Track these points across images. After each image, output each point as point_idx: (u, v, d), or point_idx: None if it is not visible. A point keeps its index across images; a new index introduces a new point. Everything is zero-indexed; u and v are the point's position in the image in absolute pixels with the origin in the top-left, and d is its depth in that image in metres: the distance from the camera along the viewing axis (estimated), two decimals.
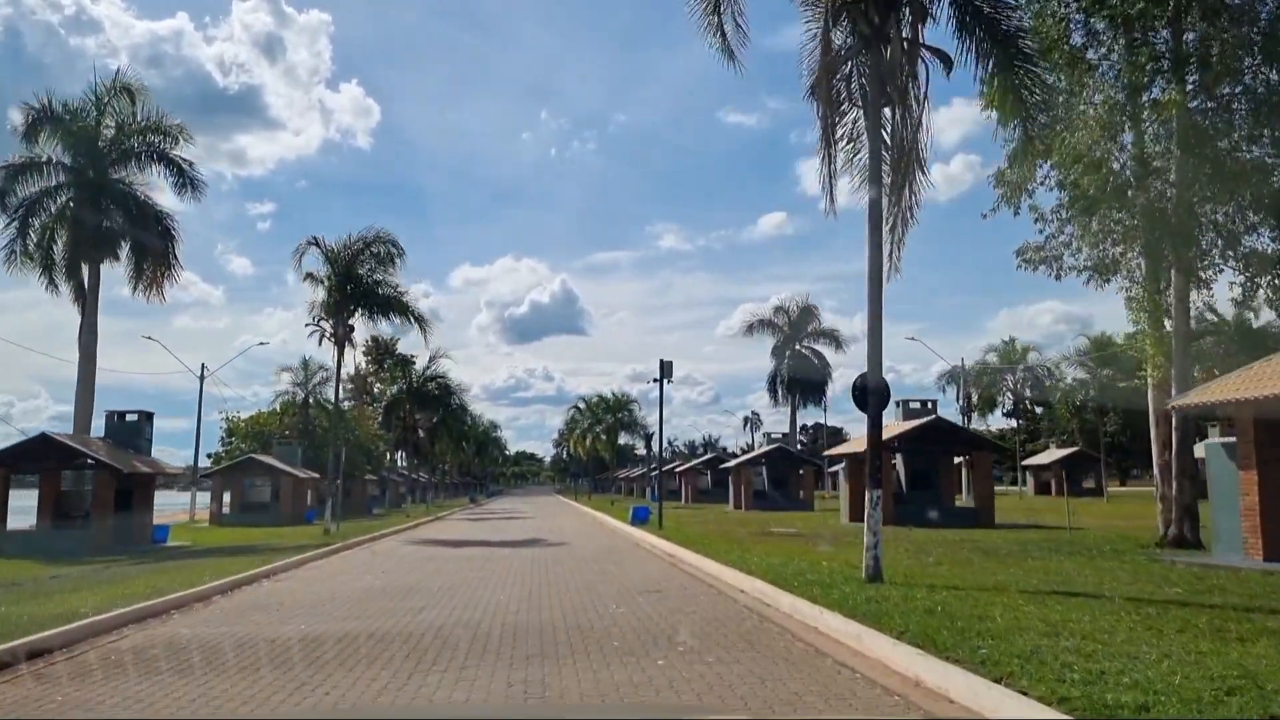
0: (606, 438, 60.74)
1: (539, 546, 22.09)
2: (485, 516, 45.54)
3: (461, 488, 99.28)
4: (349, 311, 28.85)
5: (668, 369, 25.19)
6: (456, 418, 53.76)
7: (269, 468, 44.99)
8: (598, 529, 31.02)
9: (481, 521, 39.10)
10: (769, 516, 36.64)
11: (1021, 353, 58.75)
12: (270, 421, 55.51)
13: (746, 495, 46.51)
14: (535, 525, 34.14)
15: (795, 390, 72.71)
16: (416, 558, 19.20)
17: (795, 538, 21.71)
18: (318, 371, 54.11)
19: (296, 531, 30.34)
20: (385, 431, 49.43)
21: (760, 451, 48.28)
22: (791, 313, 75.19)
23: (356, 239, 28.66)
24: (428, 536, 27.64)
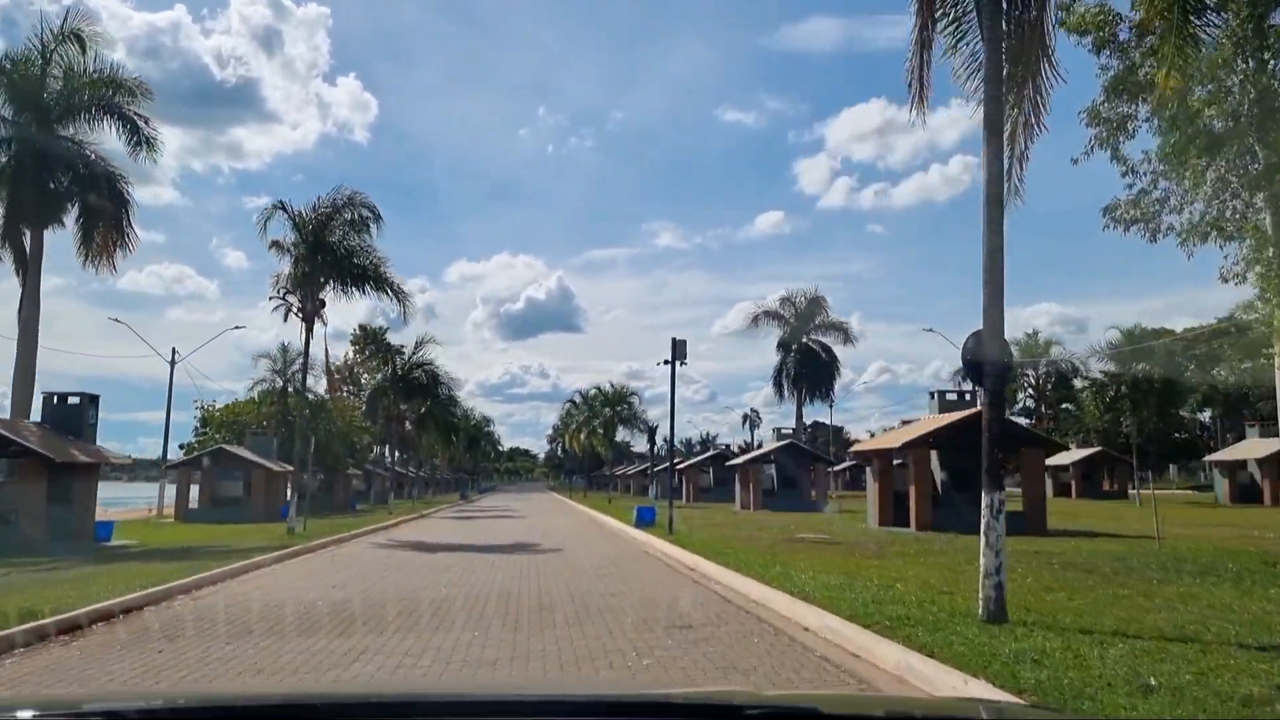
0: (604, 432, 57.35)
1: (529, 553, 18.83)
2: (474, 515, 42.25)
3: (453, 484, 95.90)
4: (319, 284, 25.55)
5: (680, 349, 21.96)
6: (444, 409, 50.42)
7: (241, 460, 41.68)
8: (597, 532, 27.78)
9: (469, 520, 35.84)
10: (784, 518, 33.41)
11: (1044, 346, 55.59)
12: (247, 411, 52.19)
13: (755, 495, 43.28)
14: (527, 526, 30.90)
15: (802, 385, 69.59)
16: (382, 567, 15.91)
17: (831, 546, 18.46)
18: (297, 358, 50.68)
19: (263, 530, 27.04)
20: (370, 423, 46.15)
21: (770, 448, 45.12)
22: (799, 304, 71.93)
23: (327, 201, 25.37)
24: (404, 538, 24.38)
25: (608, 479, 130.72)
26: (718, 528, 25.83)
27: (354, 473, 63.14)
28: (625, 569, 15.36)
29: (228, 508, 40.98)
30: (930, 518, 24.52)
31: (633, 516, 31.32)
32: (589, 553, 18.84)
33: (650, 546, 20.06)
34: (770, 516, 35.15)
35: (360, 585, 13.00)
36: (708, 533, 23.20)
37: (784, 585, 10.98)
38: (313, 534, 24.27)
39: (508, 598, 11.42)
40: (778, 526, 26.83)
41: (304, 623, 9.58)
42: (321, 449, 54.36)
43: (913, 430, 25.85)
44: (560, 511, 45.92)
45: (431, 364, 43.37)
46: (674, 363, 22.03)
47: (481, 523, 33.37)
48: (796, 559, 14.77)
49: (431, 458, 69.40)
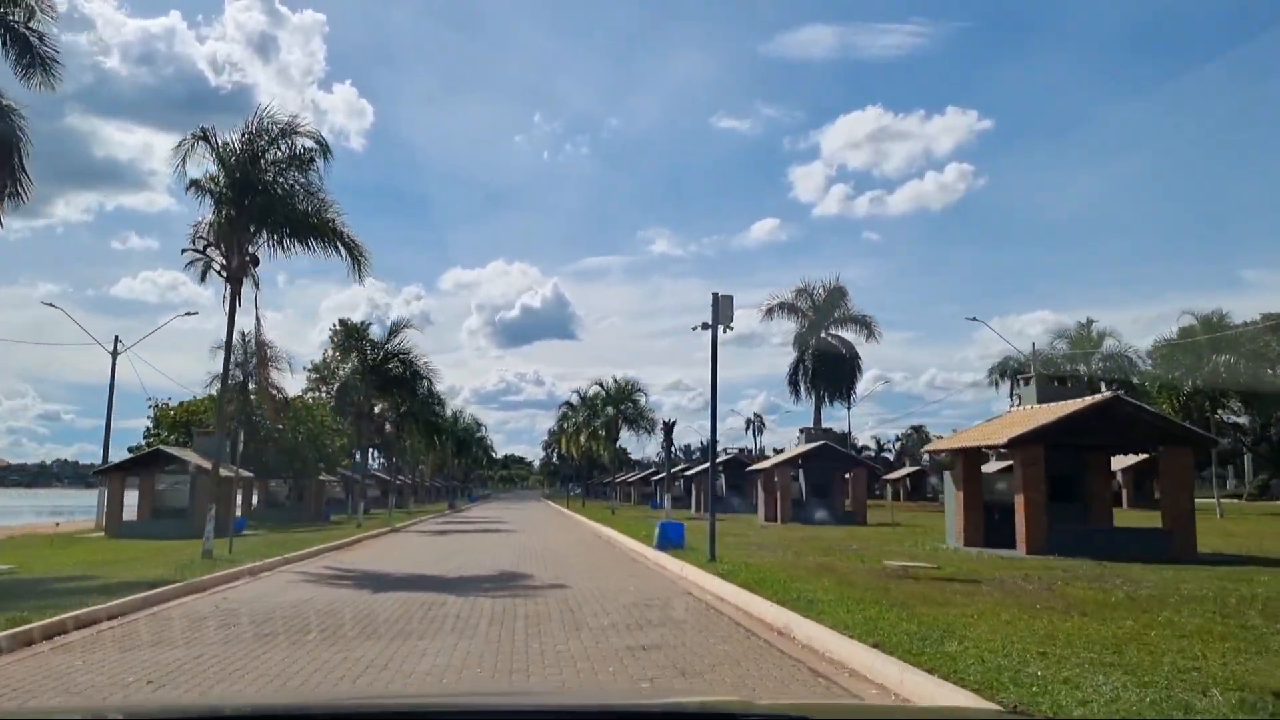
0: (606, 434, 51.28)
1: (519, 593, 12.96)
2: (457, 528, 36.35)
3: (444, 492, 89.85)
4: (249, 234, 19.71)
5: (724, 308, 16.10)
6: (426, 407, 44.50)
7: (186, 464, 35.74)
8: (607, 554, 21.88)
9: (449, 536, 29.98)
10: (828, 535, 27.56)
11: (1098, 338, 49.76)
12: (204, 410, 46.28)
13: (783, 505, 37.41)
14: (518, 545, 25.00)
15: (820, 384, 63.76)
16: (279, 628, 9.97)
17: (966, 585, 12.61)
18: (258, 350, 44.79)
19: (180, 551, 21.09)
20: (342, 420, 40.23)
21: (798, 451, 39.25)
22: (816, 295, 65.99)
23: (258, 125, 19.52)
24: (355, 565, 18.50)
25: (606, 487, 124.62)
26: (762, 550, 19.99)
27: (329, 479, 57.26)
28: (673, 632, 9.43)
29: (170, 519, 35.21)
30: (1045, 537, 18.68)
31: (649, 532, 25.48)
32: (605, 592, 12.96)
33: (690, 582, 14.23)
34: (810, 532, 29.29)
35: (190, 683, 7.10)
36: (756, 557, 17.37)
37: (989, 685, 5.14)
38: (237, 557, 18.45)
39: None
40: (836, 547, 20.98)
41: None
42: (289, 453, 48.44)
43: (1015, 422, 20.01)
44: (558, 524, 39.99)
45: (408, 353, 37.48)
46: (715, 326, 16.20)
47: (464, 540, 27.51)
48: (958, 614, 8.95)
49: (416, 462, 63.30)
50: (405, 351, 37.67)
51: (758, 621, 9.89)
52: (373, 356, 37.46)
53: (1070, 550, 18.23)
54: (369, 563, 19.02)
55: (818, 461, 38.54)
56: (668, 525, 19.84)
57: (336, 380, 37.79)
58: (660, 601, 11.94)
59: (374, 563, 18.98)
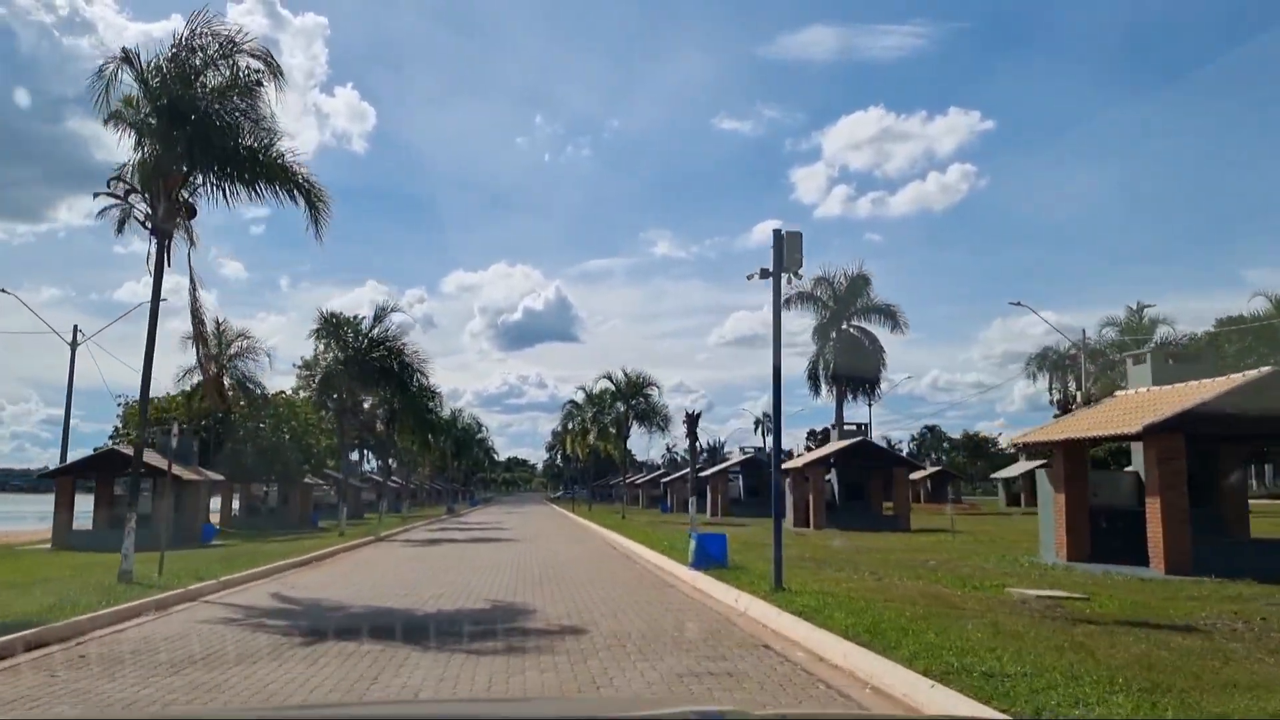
0: (616, 431, 47.06)
1: (514, 645, 8.92)
2: (451, 536, 32.37)
3: (447, 495, 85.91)
4: (180, 176, 15.74)
5: (792, 247, 12.00)
6: (418, 403, 40.45)
7: (150, 467, 31.72)
8: (627, 573, 17.83)
9: (439, 547, 26.02)
10: (882, 544, 23.55)
11: (1149, 324, 45.67)
12: (176, 408, 42.38)
13: (815, 509, 33.35)
14: (517, 559, 20.97)
15: (842, 378, 59.67)
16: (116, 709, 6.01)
17: (1186, 635, 8.59)
18: (236, 339, 40.87)
19: (107, 566, 17.03)
20: (324, 416, 36.30)
21: (832, 448, 35.16)
22: (838, 284, 61.90)
23: (190, 38, 15.56)
24: (308, 591, 14.49)
25: (612, 489, 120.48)
26: (822, 569, 15.96)
27: (316, 483, 53.25)
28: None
29: None
30: (1188, 552, 14.64)
31: (672, 543, 21.51)
32: (640, 642, 8.91)
33: (758, 624, 10.20)
34: (858, 541, 25.22)
35: None
36: (824, 580, 13.36)
37: None
38: (166, 580, 14.49)
39: None
40: (911, 562, 16.96)
41: None
42: (269, 454, 44.52)
43: (1138, 407, 15.94)
44: (565, 532, 35.96)
45: (396, 342, 33.49)
46: (778, 272, 12.15)
47: (456, 553, 23.51)
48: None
49: (410, 462, 59.27)
50: (392, 339, 33.70)
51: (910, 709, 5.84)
52: (356, 345, 33.49)
53: (1220, 569, 14.21)
54: (329, 587, 15.03)
55: (854, 460, 34.50)
56: (706, 538, 15.81)
57: (318, 371, 33.75)
58: (728, 662, 7.92)
59: (335, 587, 14.98)
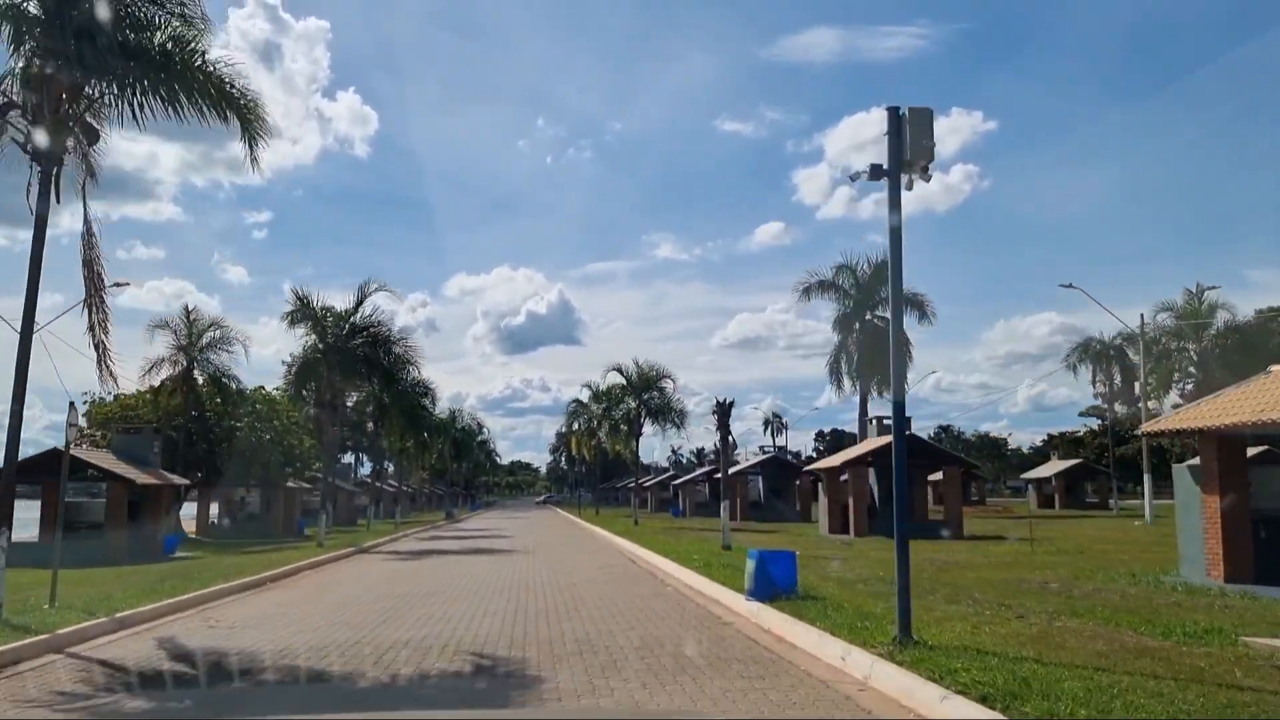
0: (628, 429, 43.00)
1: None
2: (443, 546, 28.54)
3: (448, 499, 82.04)
4: (75, 89, 11.95)
5: (919, 128, 8.22)
6: (408, 399, 36.63)
7: (99, 469, 27.97)
8: (660, 603, 13.83)
9: (426, 560, 22.18)
10: (960, 556, 19.66)
11: (1208, 309, 41.71)
12: (142, 406, 38.64)
13: (856, 514, 29.42)
14: (516, 580, 17.08)
15: (867, 372, 55.74)
16: None
17: None
18: (209, 327, 37.04)
19: None
20: (305, 410, 32.49)
21: (872, 445, 31.17)
22: (860, 273, 58.00)
23: None
24: (232, 632, 10.62)
25: (618, 493, 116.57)
26: (930, 600, 11.98)
27: (304, 487, 49.43)
28: None
29: (81, 537, 27.37)
30: None
31: (706, 558, 17.74)
32: None
33: (892, 702, 6.33)
34: (922, 554, 21.29)
35: None
36: (968, 627, 9.49)
37: None
38: (55, 617, 10.67)
39: None
40: (1023, 585, 13.07)
41: None
42: (246, 456, 40.71)
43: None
44: (572, 540, 32.07)
45: (380, 325, 29.61)
46: (897, 168, 8.30)
47: (443, 570, 19.64)
48: None
49: (405, 465, 55.36)
50: (376, 324, 29.85)
51: None
52: (335, 331, 29.64)
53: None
54: (264, 625, 11.15)
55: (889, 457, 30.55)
56: (770, 557, 11.79)
57: (295, 362, 29.92)
58: None
59: (270, 626, 11.10)
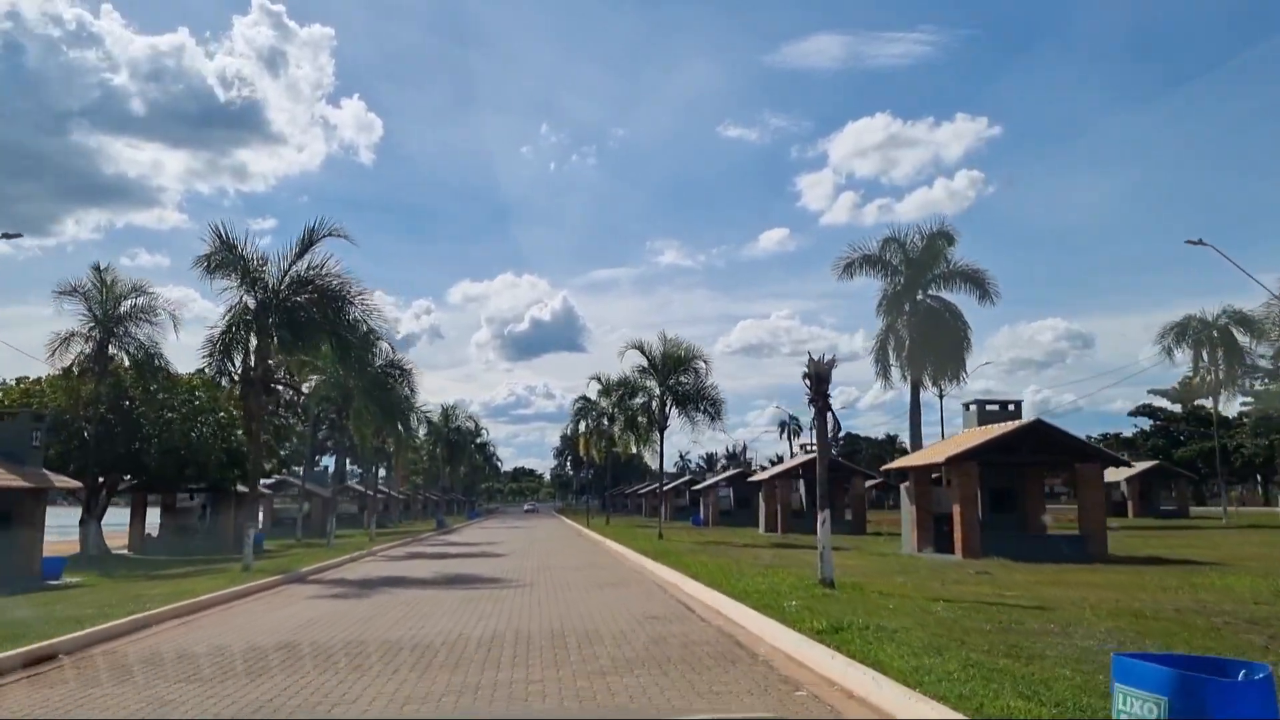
0: (648, 421, 34.86)
1: None
2: (408, 574, 21.20)
3: (441, 506, 74.53)
4: None
5: None
6: (380, 384, 29.35)
7: None
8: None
9: (371, 599, 14.82)
10: (1139, 589, 12.33)
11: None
12: (54, 390, 31.36)
13: (965, 526, 21.98)
14: (500, 643, 9.67)
15: (920, 360, 48.22)
16: None
17: None
18: (130, 293, 29.66)
19: None
20: (229, 390, 25.13)
21: (985, 437, 23.58)
22: (910, 247, 50.49)
23: None
24: None
25: (628, 499, 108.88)
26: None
27: (264, 493, 42.15)
28: None
29: None
30: None
31: (811, 604, 10.38)
32: None
33: None
34: (1092, 589, 13.91)
35: None
36: None
37: None
38: None
39: None
40: None
41: None
42: (182, 453, 33.35)
43: None
44: (585, 562, 24.62)
45: (332, 275, 22.24)
46: None
47: (385, 623, 12.27)
48: None
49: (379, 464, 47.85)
50: (324, 275, 22.56)
51: None
52: (272, 284, 22.35)
53: None
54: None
55: (1010, 454, 23.10)
56: (1212, 688, 4.39)
57: (217, 326, 22.50)
58: None
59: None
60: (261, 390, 22.02)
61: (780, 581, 14.49)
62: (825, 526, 13.99)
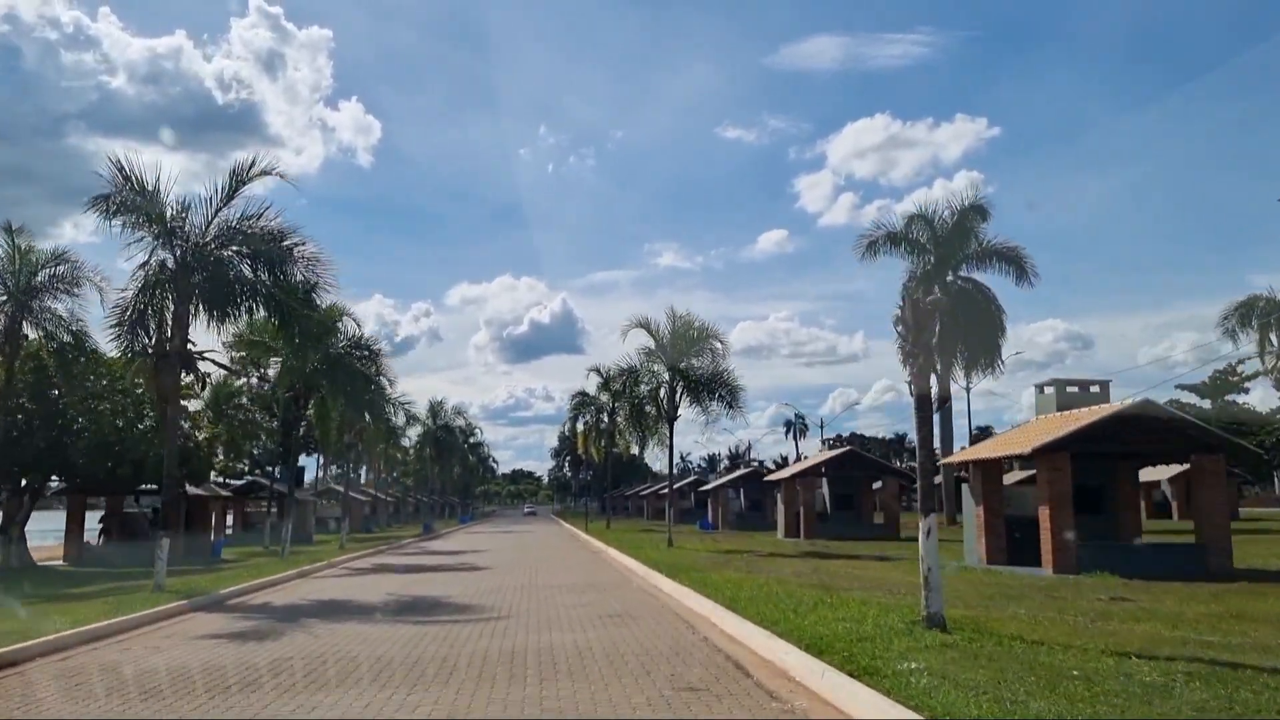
0: (656, 410, 30.04)
1: None
2: (358, 598, 16.80)
3: (429, 509, 70.09)
4: None
5: None
6: (344, 367, 25.02)
7: None
8: None
9: (283, 641, 10.52)
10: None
11: None
12: None
13: (1055, 534, 17.67)
14: None
15: (951, 347, 43.81)
16: None
17: None
18: (48, 263, 25.25)
19: None
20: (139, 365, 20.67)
21: (1085, 419, 19.09)
22: (939, 223, 45.95)
23: None
24: None
25: (629, 501, 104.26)
26: None
27: (215, 494, 37.84)
28: None
29: None
30: None
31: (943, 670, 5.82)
32: None
33: None
34: None
35: None
36: None
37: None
38: None
39: None
40: None
41: None
42: (116, 449, 28.84)
43: None
44: (585, 580, 20.15)
45: (265, 223, 17.84)
46: None
47: (284, 675, 7.97)
48: None
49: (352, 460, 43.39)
50: (261, 226, 18.21)
51: None
52: (195, 237, 17.98)
53: None
54: None
55: (1117, 441, 18.70)
56: None
57: (127, 288, 18.10)
58: None
59: None
60: (179, 366, 17.60)
61: (863, 617, 10.12)
62: (932, 540, 9.62)
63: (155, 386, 19.23)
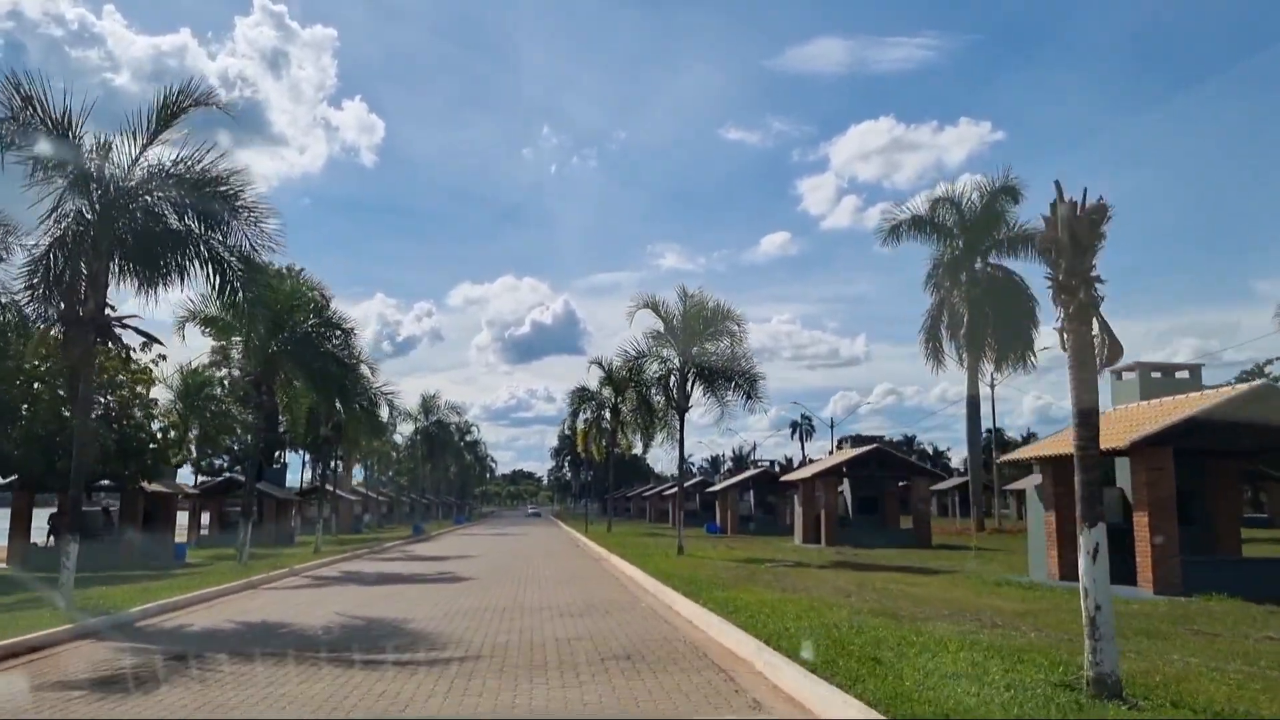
0: (666, 398, 26.51)
1: None
2: (292, 622, 13.68)
3: (418, 509, 66.90)
4: None
5: None
6: (312, 346, 21.91)
7: None
8: None
9: (149, 700, 7.48)
10: None
11: None
12: None
13: (1159, 548, 14.51)
14: None
15: (980, 338, 40.64)
16: None
17: None
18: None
19: None
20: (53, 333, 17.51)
21: (1186, 408, 15.87)
22: (966, 207, 42.90)
23: None
24: None
25: (630, 503, 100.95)
26: None
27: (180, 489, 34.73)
28: None
29: None
30: None
31: None
32: None
33: None
34: None
35: None
36: None
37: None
38: None
39: None
40: None
41: None
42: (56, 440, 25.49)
43: None
44: (584, 601, 16.89)
45: (196, 165, 14.72)
46: None
47: None
48: None
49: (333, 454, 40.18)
50: (198, 169, 15.10)
51: None
52: (118, 180, 14.85)
53: None
54: None
55: (1226, 436, 15.49)
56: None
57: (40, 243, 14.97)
58: None
59: None
60: (93, 334, 14.44)
61: (984, 671, 6.91)
62: (1101, 562, 6.45)
63: (65, 357, 16.04)
